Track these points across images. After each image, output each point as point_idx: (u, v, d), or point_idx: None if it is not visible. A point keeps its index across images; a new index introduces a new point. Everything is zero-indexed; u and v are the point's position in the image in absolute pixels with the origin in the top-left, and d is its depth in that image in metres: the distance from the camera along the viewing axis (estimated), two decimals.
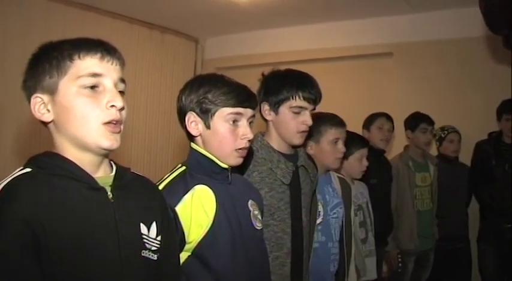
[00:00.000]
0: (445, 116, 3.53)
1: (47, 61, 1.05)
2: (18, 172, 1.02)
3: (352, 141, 2.54)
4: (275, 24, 4.36)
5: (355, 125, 3.25)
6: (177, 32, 4.64)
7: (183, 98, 1.45)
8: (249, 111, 1.44)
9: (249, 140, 1.44)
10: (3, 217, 0.93)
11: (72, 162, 1.05)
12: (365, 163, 2.61)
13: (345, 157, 2.52)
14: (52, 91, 1.05)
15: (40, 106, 1.06)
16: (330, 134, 2.12)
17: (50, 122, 1.07)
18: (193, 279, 1.34)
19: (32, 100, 1.06)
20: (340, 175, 2.36)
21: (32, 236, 0.93)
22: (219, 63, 4.30)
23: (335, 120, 2.14)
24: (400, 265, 3.17)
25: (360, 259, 2.54)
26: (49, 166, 1.04)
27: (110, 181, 1.10)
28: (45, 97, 1.05)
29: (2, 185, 0.98)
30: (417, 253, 3.23)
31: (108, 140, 1.04)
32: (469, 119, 3.56)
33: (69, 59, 1.04)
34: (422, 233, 3.21)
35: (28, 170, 1.03)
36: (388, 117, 3.22)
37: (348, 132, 2.48)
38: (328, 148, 2.13)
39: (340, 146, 2.19)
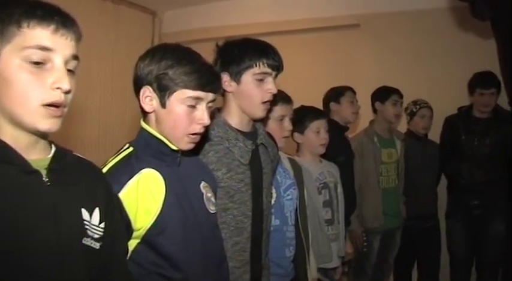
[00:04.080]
0: (413, 90, 3.44)
1: None
2: None
3: (306, 114, 2.48)
4: None
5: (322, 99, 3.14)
6: (133, 4, 4.35)
7: (142, 67, 1.35)
8: (210, 96, 1.36)
9: (204, 126, 1.37)
10: None
11: (3, 142, 0.97)
12: (323, 135, 2.50)
13: (301, 132, 2.48)
14: None
15: None
16: (275, 111, 2.04)
17: None
18: (146, 266, 1.30)
19: None
20: (290, 156, 2.28)
21: None
22: (178, 37, 4.06)
23: (280, 97, 2.02)
24: (365, 243, 3.10)
25: (325, 243, 2.43)
26: None
27: (47, 163, 1.03)
28: None
29: None
30: (383, 232, 3.17)
31: (46, 123, 0.97)
32: (438, 93, 3.48)
33: (16, 25, 0.94)
34: (388, 212, 3.15)
35: None
36: (353, 91, 3.12)
37: (301, 106, 2.46)
38: (273, 125, 2.06)
39: (287, 123, 2.12)
